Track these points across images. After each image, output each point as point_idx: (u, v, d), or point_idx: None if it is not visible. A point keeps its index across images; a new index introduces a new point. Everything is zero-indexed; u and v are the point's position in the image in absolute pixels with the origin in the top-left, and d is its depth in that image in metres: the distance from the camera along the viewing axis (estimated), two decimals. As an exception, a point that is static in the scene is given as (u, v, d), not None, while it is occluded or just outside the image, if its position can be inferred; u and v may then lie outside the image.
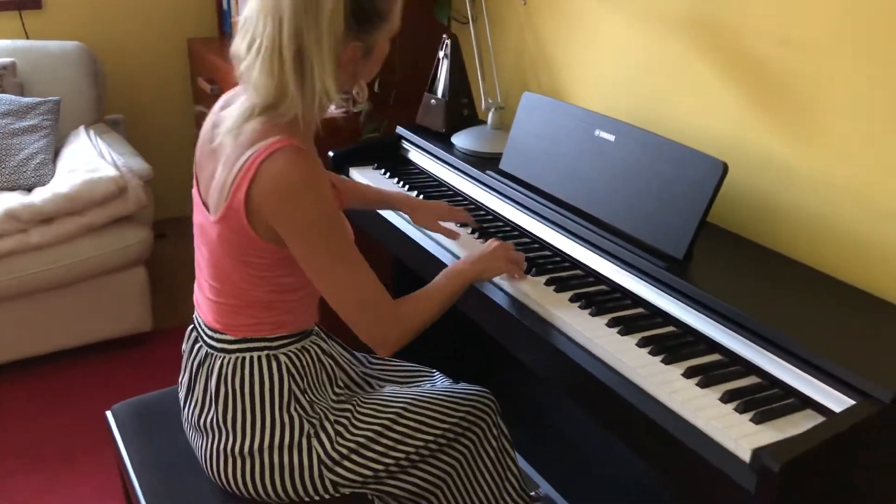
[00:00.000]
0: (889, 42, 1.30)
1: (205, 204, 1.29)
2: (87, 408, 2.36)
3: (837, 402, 1.10)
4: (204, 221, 1.28)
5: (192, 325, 1.41)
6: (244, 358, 1.31)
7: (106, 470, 2.11)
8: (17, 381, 2.47)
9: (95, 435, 2.23)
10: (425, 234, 1.70)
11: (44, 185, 2.51)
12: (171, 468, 1.42)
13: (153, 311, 2.66)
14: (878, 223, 1.37)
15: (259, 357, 1.31)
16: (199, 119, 2.96)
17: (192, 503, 1.34)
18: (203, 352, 1.35)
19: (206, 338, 1.35)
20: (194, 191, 1.33)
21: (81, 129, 2.80)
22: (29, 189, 2.52)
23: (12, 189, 2.50)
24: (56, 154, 2.67)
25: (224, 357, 1.31)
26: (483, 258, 1.41)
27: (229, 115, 1.22)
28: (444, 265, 1.53)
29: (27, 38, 3.04)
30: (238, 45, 1.21)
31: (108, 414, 1.56)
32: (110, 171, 2.42)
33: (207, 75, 3.10)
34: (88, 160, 2.52)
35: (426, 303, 1.33)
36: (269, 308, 1.30)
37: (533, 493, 1.97)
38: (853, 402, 1.07)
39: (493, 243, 1.45)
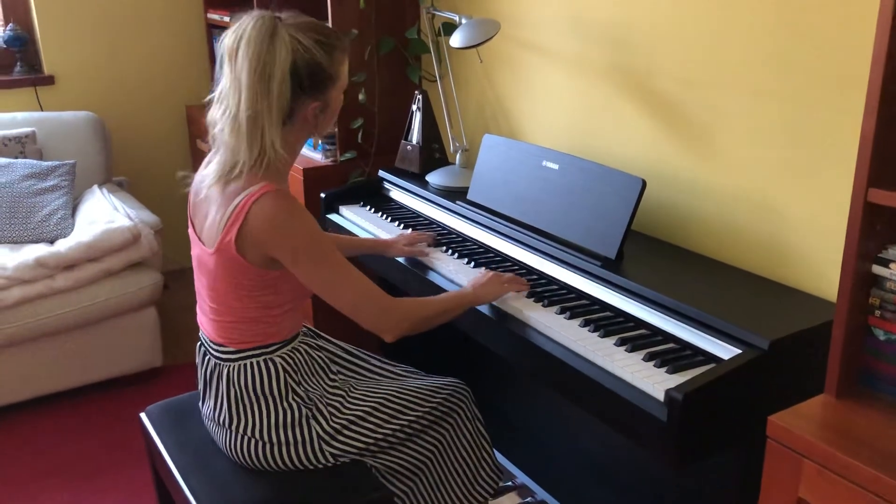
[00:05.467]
0: (767, 78, 1.65)
1: (200, 240, 1.56)
2: (109, 434, 2.61)
3: (730, 354, 1.41)
4: (201, 253, 1.55)
5: (199, 342, 1.68)
6: (245, 364, 1.57)
7: (128, 484, 2.36)
8: (45, 413, 2.72)
9: (117, 457, 2.49)
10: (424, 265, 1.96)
11: (65, 236, 2.79)
12: (200, 450, 1.67)
13: (163, 349, 2.93)
14: (764, 220, 1.70)
15: (258, 361, 1.57)
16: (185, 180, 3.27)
17: (219, 476, 1.60)
18: (212, 362, 1.62)
19: (212, 351, 1.62)
20: (190, 230, 1.60)
21: (95, 187, 3.11)
22: (51, 241, 2.80)
23: (37, 241, 2.79)
24: (74, 210, 2.97)
25: (229, 365, 1.58)
26: (482, 285, 1.69)
27: (208, 172, 1.52)
28: (441, 289, 1.81)
29: (41, 109, 3.37)
30: (213, 113, 1.50)
31: (142, 415, 1.83)
32: (125, 222, 2.72)
33: (206, 137, 3.40)
34: (105, 213, 2.82)
35: (424, 303, 1.60)
36: (257, 323, 1.55)
37: (510, 483, 2.24)
38: (740, 351, 1.39)
39: (487, 273, 1.72)
